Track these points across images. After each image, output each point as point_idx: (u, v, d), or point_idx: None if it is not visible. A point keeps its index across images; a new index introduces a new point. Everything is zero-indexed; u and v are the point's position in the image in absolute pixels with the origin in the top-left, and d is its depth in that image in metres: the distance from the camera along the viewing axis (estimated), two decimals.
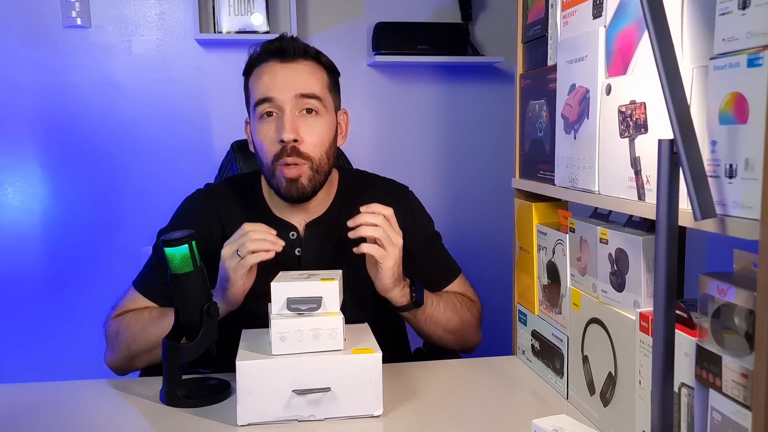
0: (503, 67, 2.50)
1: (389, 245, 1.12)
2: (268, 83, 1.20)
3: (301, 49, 1.22)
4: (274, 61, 1.22)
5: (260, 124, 1.21)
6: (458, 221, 2.52)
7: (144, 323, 1.21)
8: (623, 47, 0.88)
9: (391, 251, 1.12)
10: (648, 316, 0.83)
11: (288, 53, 1.21)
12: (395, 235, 1.13)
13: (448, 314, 1.27)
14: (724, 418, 0.69)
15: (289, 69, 1.21)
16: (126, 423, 1.04)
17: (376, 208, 1.13)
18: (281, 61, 1.21)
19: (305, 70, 1.22)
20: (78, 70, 2.30)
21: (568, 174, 1.04)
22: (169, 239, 1.05)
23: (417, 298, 1.20)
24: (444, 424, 1.02)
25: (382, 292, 1.18)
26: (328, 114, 1.24)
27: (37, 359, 2.34)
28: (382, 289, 1.17)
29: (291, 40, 1.23)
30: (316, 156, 1.21)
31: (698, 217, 0.66)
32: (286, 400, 0.99)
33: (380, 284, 1.16)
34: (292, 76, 1.20)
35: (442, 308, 1.26)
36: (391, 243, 1.12)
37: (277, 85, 1.19)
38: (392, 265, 1.13)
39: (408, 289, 1.20)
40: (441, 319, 1.26)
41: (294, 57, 1.21)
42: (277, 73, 1.21)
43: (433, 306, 1.25)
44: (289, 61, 1.21)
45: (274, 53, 1.22)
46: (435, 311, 1.25)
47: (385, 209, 1.13)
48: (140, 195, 2.35)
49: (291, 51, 1.21)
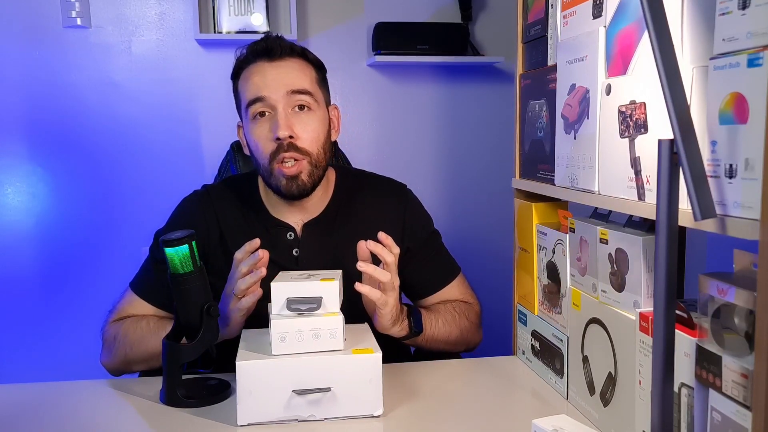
0: (503, 67, 2.50)
1: (390, 290, 1.11)
2: (259, 83, 1.20)
3: (287, 47, 1.22)
4: (262, 61, 1.21)
5: (254, 124, 1.21)
6: (458, 221, 2.52)
7: (142, 333, 1.20)
8: (623, 47, 0.88)
9: (391, 296, 1.12)
10: (648, 316, 0.83)
11: (275, 52, 1.21)
12: (396, 279, 1.12)
13: (447, 329, 1.27)
14: (724, 418, 0.69)
15: (277, 67, 1.21)
16: (126, 423, 1.04)
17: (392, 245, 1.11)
18: (269, 60, 1.21)
19: (294, 67, 1.22)
20: (78, 70, 2.30)
21: (568, 174, 1.04)
22: (169, 239, 1.05)
23: (416, 328, 1.20)
24: (444, 424, 1.02)
25: (381, 330, 1.16)
26: (320, 109, 1.24)
27: (37, 359, 2.34)
28: (381, 329, 1.16)
29: (277, 39, 1.23)
30: (313, 151, 1.21)
31: (698, 217, 0.66)
32: (286, 400, 0.99)
33: (378, 325, 1.16)
34: (282, 74, 1.20)
35: (441, 325, 1.26)
36: (393, 288, 1.11)
37: (267, 84, 1.19)
38: (391, 309, 1.13)
39: (407, 321, 1.19)
40: (441, 336, 1.26)
41: (281, 55, 1.21)
42: (267, 72, 1.20)
43: (432, 327, 1.24)
44: (277, 60, 1.21)
45: (261, 53, 1.22)
46: (435, 331, 1.25)
47: (396, 248, 1.12)
48: (140, 195, 2.35)
49: (278, 50, 1.21)
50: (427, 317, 1.24)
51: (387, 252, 1.10)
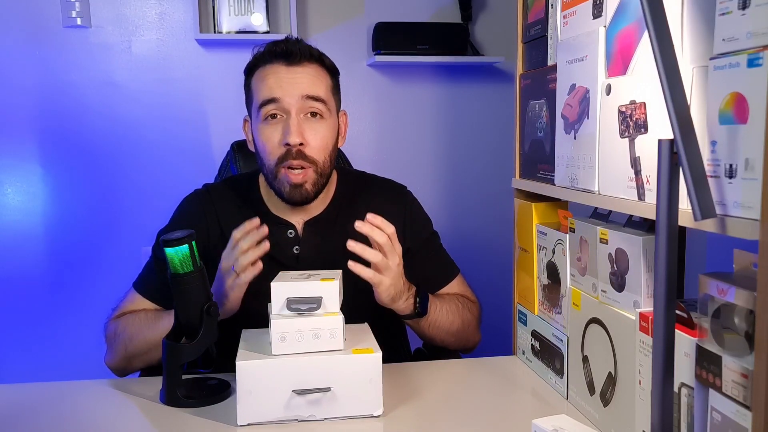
0: (503, 67, 2.50)
1: (385, 269, 1.12)
2: (273, 85, 1.20)
3: (306, 52, 1.22)
4: (279, 64, 1.21)
5: (264, 126, 1.21)
6: (458, 221, 2.52)
7: (140, 325, 1.21)
8: (623, 47, 0.88)
9: (387, 275, 1.12)
10: (648, 316, 0.83)
11: (294, 56, 1.21)
12: (393, 257, 1.12)
13: (450, 318, 1.27)
14: (724, 418, 0.69)
15: (294, 72, 1.21)
16: (126, 423, 1.04)
17: (381, 224, 1.12)
18: (287, 64, 1.21)
19: (310, 73, 1.22)
20: (78, 70, 2.30)
21: (568, 174, 1.04)
22: (169, 239, 1.05)
23: (421, 308, 1.20)
24: (444, 424, 1.02)
25: (383, 305, 1.17)
26: (331, 117, 1.24)
27: (37, 359, 2.34)
28: (382, 304, 1.17)
29: (296, 42, 1.23)
30: (320, 159, 1.21)
31: (698, 217, 0.66)
32: (286, 400, 0.99)
33: (379, 300, 1.16)
34: (298, 79, 1.20)
35: (444, 312, 1.26)
36: (388, 267, 1.12)
37: (283, 87, 1.19)
38: (387, 287, 1.13)
39: (413, 299, 1.20)
40: (444, 323, 1.26)
41: (299, 60, 1.21)
42: (283, 75, 1.21)
43: (436, 311, 1.25)
44: (295, 65, 1.21)
45: (279, 56, 1.21)
46: (438, 316, 1.25)
47: (389, 227, 1.12)
48: (140, 195, 2.35)
49: (297, 54, 1.21)
50: (432, 301, 1.24)
51: (378, 233, 1.11)
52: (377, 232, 1.11)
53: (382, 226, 1.11)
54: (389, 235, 1.12)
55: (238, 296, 1.14)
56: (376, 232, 1.10)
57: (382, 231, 1.11)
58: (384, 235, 1.11)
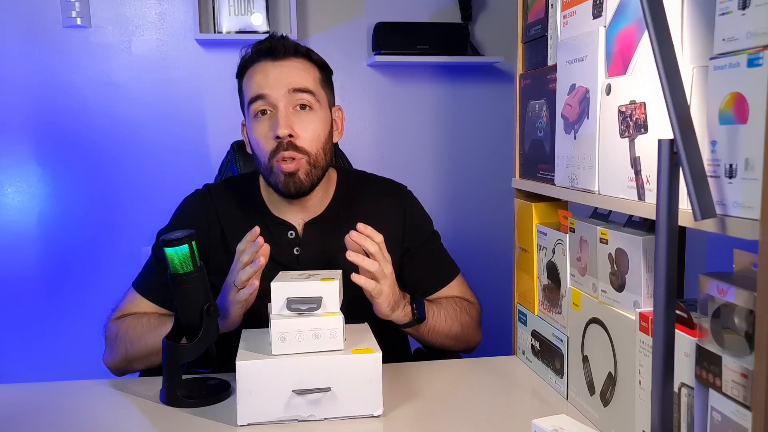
0: (503, 67, 2.50)
1: (382, 278, 1.12)
2: (261, 81, 1.21)
3: (291, 47, 1.23)
4: (266, 61, 1.22)
5: (255, 123, 1.22)
6: (458, 221, 2.52)
7: (142, 330, 1.21)
8: (623, 47, 0.88)
9: (384, 283, 1.13)
10: (648, 316, 0.83)
11: (279, 52, 1.22)
12: (386, 265, 1.13)
13: (449, 322, 1.27)
14: (724, 418, 0.69)
15: (280, 67, 1.22)
16: (126, 423, 1.04)
17: (371, 233, 1.12)
18: (273, 59, 1.22)
19: (297, 67, 1.23)
20: (78, 70, 2.30)
21: (568, 174, 1.04)
22: (168, 239, 1.05)
23: (419, 315, 1.20)
24: (444, 424, 1.02)
25: (382, 317, 1.18)
26: (321, 109, 1.24)
27: (37, 359, 2.34)
28: (381, 316, 1.17)
29: (281, 38, 1.24)
30: (312, 150, 1.21)
31: (698, 217, 0.66)
32: (286, 400, 0.99)
33: (378, 312, 1.17)
34: (284, 73, 1.21)
35: (443, 317, 1.26)
36: (384, 275, 1.12)
37: (269, 83, 1.20)
38: (387, 296, 1.13)
39: (409, 307, 1.20)
40: (443, 328, 1.26)
41: (285, 55, 1.22)
42: (269, 71, 1.21)
43: (434, 317, 1.25)
44: (281, 59, 1.22)
45: (265, 53, 1.23)
46: (437, 322, 1.25)
47: (377, 235, 1.13)
48: (140, 195, 2.35)
49: (281, 49, 1.22)
50: (430, 307, 1.24)
51: (369, 242, 1.11)
52: (368, 242, 1.11)
53: (372, 235, 1.12)
54: (378, 243, 1.12)
55: (238, 313, 1.14)
56: (367, 241, 1.11)
57: (373, 240, 1.12)
58: (375, 244, 1.11)
